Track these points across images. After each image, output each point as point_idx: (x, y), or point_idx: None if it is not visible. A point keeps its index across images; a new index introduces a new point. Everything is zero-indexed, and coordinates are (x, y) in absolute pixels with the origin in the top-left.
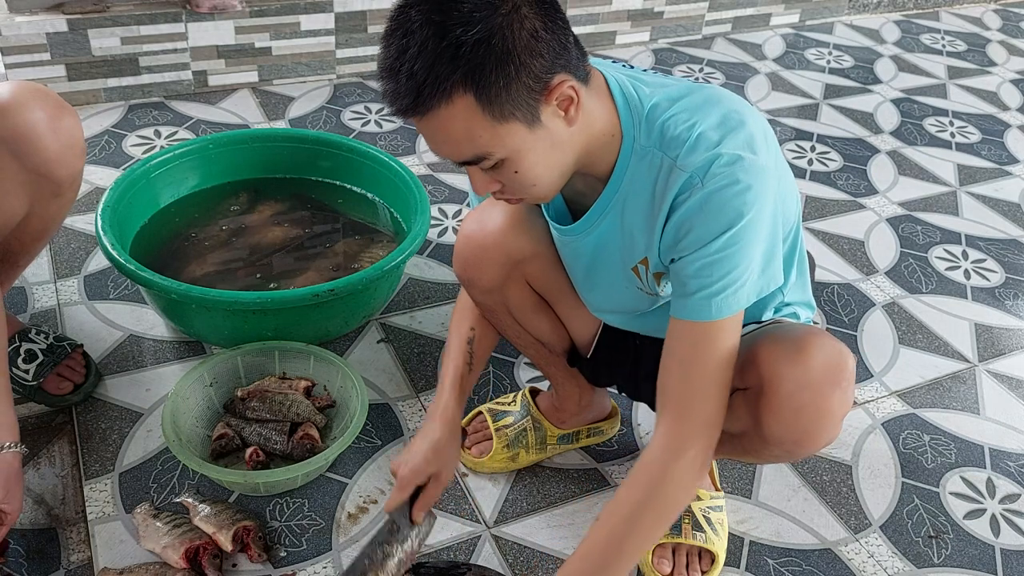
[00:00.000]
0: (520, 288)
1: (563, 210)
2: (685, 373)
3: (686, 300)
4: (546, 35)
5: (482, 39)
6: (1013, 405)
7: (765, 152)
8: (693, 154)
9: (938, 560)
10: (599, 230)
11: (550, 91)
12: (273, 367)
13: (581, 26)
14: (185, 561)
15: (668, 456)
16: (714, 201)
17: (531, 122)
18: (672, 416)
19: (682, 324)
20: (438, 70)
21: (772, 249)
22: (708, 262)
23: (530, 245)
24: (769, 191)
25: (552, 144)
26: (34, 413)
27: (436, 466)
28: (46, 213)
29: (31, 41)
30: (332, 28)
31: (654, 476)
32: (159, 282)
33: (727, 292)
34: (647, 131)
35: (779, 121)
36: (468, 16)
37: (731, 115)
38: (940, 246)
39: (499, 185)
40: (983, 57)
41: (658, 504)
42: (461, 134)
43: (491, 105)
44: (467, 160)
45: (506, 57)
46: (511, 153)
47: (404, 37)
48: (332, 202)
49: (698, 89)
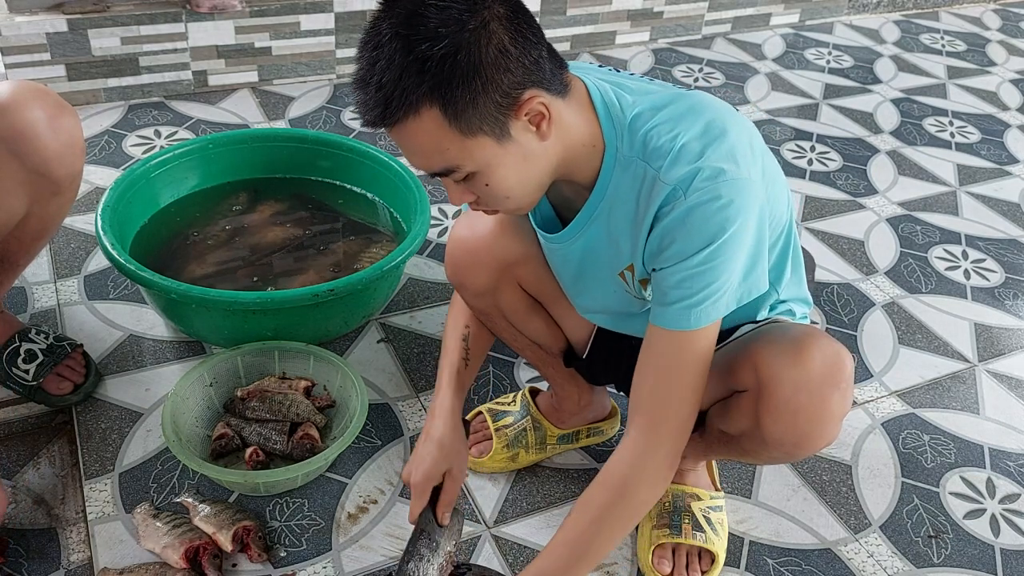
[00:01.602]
0: (512, 291)
1: (551, 216)
2: (660, 380)
3: (665, 309)
4: (515, 51)
5: (448, 54)
6: (1013, 405)
7: (749, 162)
8: (676, 166)
9: (938, 560)
10: (586, 237)
11: (519, 106)
12: (273, 367)
13: (581, 26)
14: (185, 561)
15: (638, 461)
16: (696, 215)
17: (500, 136)
18: (644, 422)
19: (660, 332)
20: (404, 83)
21: (755, 258)
22: (689, 275)
23: (520, 248)
24: (752, 203)
25: (524, 158)
26: (34, 413)
27: (447, 464)
28: (45, 213)
29: (31, 41)
30: (332, 28)
31: (624, 480)
32: (159, 282)
33: (706, 303)
34: (630, 141)
35: (779, 121)
36: (435, 31)
37: (714, 124)
38: (940, 246)
39: (474, 196)
40: (983, 57)
41: (626, 509)
42: (429, 146)
43: (458, 119)
44: (437, 172)
45: (472, 72)
46: (481, 166)
47: (374, 50)
48: (332, 202)
49: (682, 97)
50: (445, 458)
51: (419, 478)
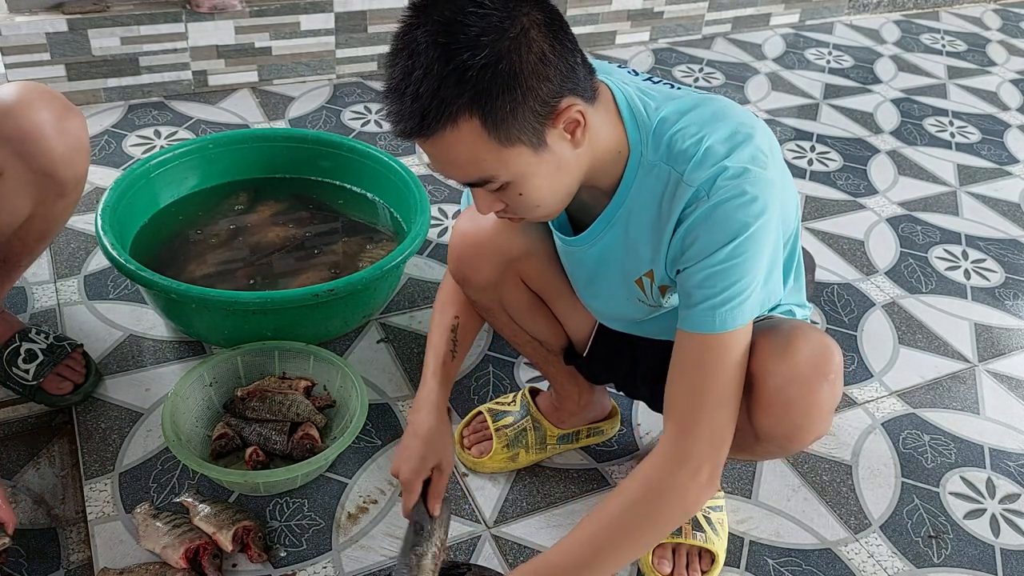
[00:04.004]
0: (515, 286)
1: (563, 220)
2: (690, 386)
3: (690, 311)
4: (554, 58)
5: (489, 63)
6: (1013, 405)
7: (772, 165)
8: (700, 168)
9: (938, 560)
10: (603, 242)
11: (557, 115)
12: (273, 367)
13: (581, 26)
14: (185, 561)
15: (670, 466)
16: (720, 212)
17: (537, 146)
18: (677, 428)
19: (687, 336)
20: (443, 94)
21: (775, 261)
22: (712, 272)
23: (524, 243)
24: (775, 203)
25: (558, 167)
26: (34, 413)
27: (435, 459)
28: (50, 214)
29: (31, 41)
30: (332, 28)
31: (652, 486)
32: (159, 282)
33: (731, 304)
34: (654, 145)
35: (779, 121)
36: (475, 40)
37: (740, 129)
38: (940, 246)
39: (503, 205)
40: (983, 57)
41: (652, 515)
42: (466, 157)
43: (497, 130)
44: (472, 182)
45: (513, 82)
46: (516, 176)
47: (410, 58)
48: (332, 202)
49: (706, 101)
50: (433, 453)
51: (409, 475)
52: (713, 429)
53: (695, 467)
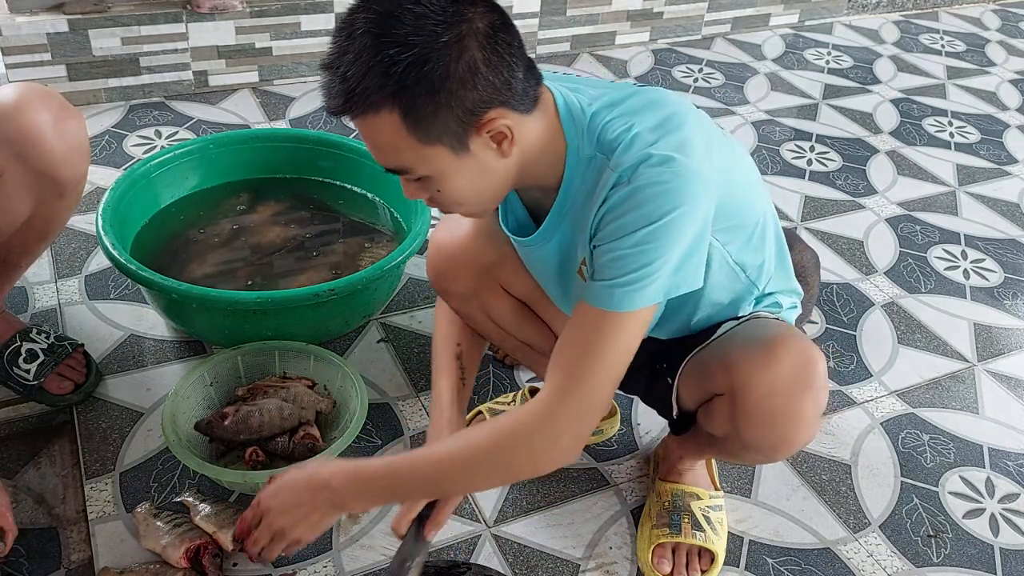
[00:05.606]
0: (496, 294)
1: (526, 219)
2: (577, 354)
3: (592, 284)
4: (485, 70)
5: (415, 63)
6: (1012, 405)
7: (702, 155)
8: (626, 154)
9: (937, 559)
10: (556, 238)
11: (482, 124)
12: (273, 367)
13: (581, 26)
14: (186, 560)
15: (536, 423)
16: (636, 198)
17: (458, 149)
18: (552, 390)
19: (585, 308)
20: (368, 82)
21: (694, 251)
22: (620, 255)
23: (497, 250)
24: (698, 196)
25: (481, 171)
26: (35, 413)
27: None
28: (50, 215)
29: (31, 41)
30: (332, 28)
31: (513, 435)
32: (160, 282)
33: (632, 286)
34: (589, 138)
35: (778, 121)
36: (405, 38)
37: (672, 118)
38: (939, 246)
39: (427, 195)
40: (982, 57)
41: (503, 461)
42: (385, 145)
43: (417, 127)
44: (391, 169)
45: (438, 85)
46: (434, 173)
47: (347, 40)
48: (332, 202)
49: (641, 92)
50: None
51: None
52: (584, 402)
53: (557, 433)
